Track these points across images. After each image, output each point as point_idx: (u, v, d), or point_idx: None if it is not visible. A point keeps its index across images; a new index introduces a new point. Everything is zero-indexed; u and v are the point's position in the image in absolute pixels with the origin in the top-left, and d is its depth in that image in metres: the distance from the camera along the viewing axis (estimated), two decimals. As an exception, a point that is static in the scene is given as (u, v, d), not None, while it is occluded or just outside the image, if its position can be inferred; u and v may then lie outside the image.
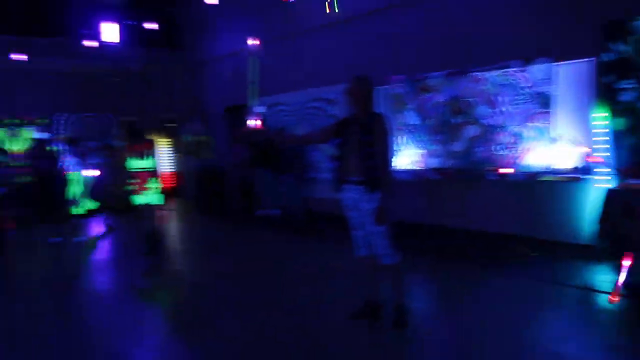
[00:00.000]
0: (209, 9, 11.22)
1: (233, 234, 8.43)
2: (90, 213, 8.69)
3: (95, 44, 10.21)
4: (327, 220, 7.87)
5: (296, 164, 8.94)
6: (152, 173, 6.46)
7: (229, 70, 11.02)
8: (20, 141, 11.20)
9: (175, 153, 13.36)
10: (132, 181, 6.34)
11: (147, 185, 6.39)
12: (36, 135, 11.11)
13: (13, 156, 11.11)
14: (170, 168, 13.21)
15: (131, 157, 6.30)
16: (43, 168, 7.38)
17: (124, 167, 6.38)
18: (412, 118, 7.53)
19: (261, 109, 9.86)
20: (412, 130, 7.54)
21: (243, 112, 10.49)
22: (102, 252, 7.49)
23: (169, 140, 13.49)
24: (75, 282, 5.97)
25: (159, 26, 10.83)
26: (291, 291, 4.97)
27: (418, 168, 7.48)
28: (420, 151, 7.46)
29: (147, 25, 10.66)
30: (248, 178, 10.15)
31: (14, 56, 9.54)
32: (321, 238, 7.53)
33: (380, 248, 3.76)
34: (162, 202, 6.62)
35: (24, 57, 9.59)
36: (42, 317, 4.68)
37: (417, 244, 6.51)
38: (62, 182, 7.49)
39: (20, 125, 11.33)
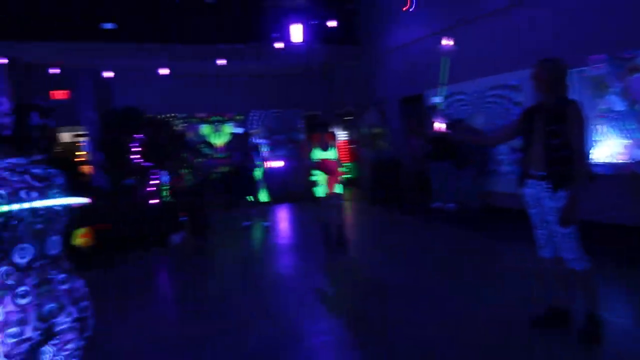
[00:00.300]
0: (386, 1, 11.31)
1: (406, 227, 8.38)
2: (269, 202, 9.52)
3: (282, 45, 11.07)
4: (509, 216, 7.31)
5: (476, 157, 8.50)
6: (335, 164, 6.41)
7: (406, 60, 10.94)
8: (222, 135, 12.80)
9: (352, 145, 13.83)
10: (315, 172, 6.37)
11: (330, 176, 6.35)
12: (234, 130, 12.55)
13: (216, 149, 12.78)
14: (347, 159, 13.72)
15: (315, 148, 6.32)
16: (238, 160, 8.27)
17: (308, 158, 6.44)
18: (615, 103, 6.51)
19: (438, 100, 9.59)
20: (615, 118, 6.53)
21: (419, 103, 10.35)
22: (286, 237, 8.13)
23: (347, 132, 14.02)
24: (264, 262, 6.62)
25: (338, 23, 11.25)
26: (467, 292, 4.73)
27: (620, 161, 6.46)
28: (624, 141, 6.42)
29: (329, 24, 11.16)
30: (423, 170, 9.99)
31: (218, 62, 10.88)
32: (501, 235, 7.04)
33: (566, 251, 3.34)
34: (342, 193, 6.58)
35: (224, 62, 10.88)
36: (233, 293, 5.28)
37: (619, 249, 5.65)
38: (252, 172, 8.30)
39: (222, 121, 12.96)
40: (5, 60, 9.37)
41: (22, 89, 10.49)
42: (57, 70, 10.56)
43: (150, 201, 8.01)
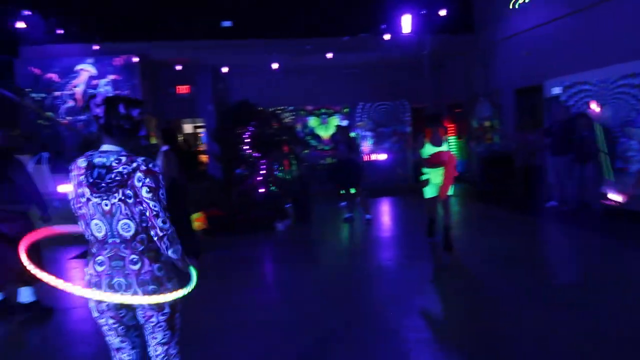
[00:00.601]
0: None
1: (519, 227, 7.87)
2: (373, 195, 9.46)
3: (391, 36, 10.94)
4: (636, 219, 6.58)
5: (600, 152, 7.74)
6: (448, 161, 5.81)
7: (521, 50, 10.24)
8: (328, 128, 13.02)
9: (461, 138, 13.30)
10: (426, 169, 5.89)
11: (442, 175, 5.82)
12: (340, 122, 12.70)
13: (322, 141, 13.06)
14: (456, 154, 13.23)
15: (427, 143, 5.84)
16: (342, 151, 8.35)
17: (419, 154, 5.92)
18: None
19: (557, 91, 8.85)
20: None
21: (536, 94, 9.64)
22: (388, 231, 8.09)
23: (456, 125, 13.51)
24: (362, 254, 6.66)
25: (450, 12, 10.83)
26: (608, 305, 4.34)
27: None
28: None
29: (439, 13, 10.80)
30: (538, 166, 9.31)
31: (328, 55, 11.08)
32: (626, 239, 6.35)
33: None
34: (452, 191, 6.01)
35: (331, 55, 11.05)
36: (329, 282, 5.38)
37: None
38: (355, 164, 8.34)
39: (329, 114, 13.18)
40: (137, 59, 10.39)
41: (151, 83, 11.60)
42: (180, 67, 11.49)
43: (259, 190, 8.43)
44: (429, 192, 5.96)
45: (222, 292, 5.21)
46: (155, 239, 2.18)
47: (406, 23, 11.83)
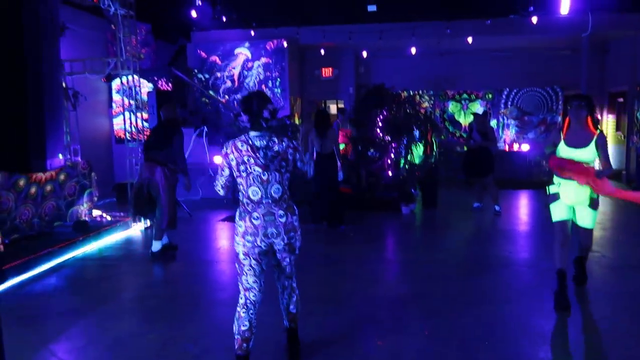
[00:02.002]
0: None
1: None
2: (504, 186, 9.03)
3: (535, 19, 10.24)
4: None
5: None
6: (591, 174, 3.95)
7: None
8: (468, 114, 12.65)
9: (621, 133, 11.91)
10: (558, 178, 4.20)
11: (575, 187, 4.04)
12: (476, 110, 12.26)
13: (460, 127, 12.76)
14: (614, 157, 11.88)
15: (564, 139, 4.16)
16: (477, 140, 8.18)
17: (551, 152, 4.24)
18: None
19: None
20: None
21: None
22: (517, 225, 7.78)
23: (616, 117, 12.12)
24: (486, 245, 6.58)
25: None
26: None
27: None
28: None
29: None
30: None
31: (469, 39, 10.77)
32: None
33: None
34: (592, 224, 4.19)
35: (471, 39, 10.73)
36: (449, 269, 5.47)
37: None
38: (489, 154, 8.11)
39: (470, 99, 12.78)
40: (286, 43, 11.23)
41: (298, 65, 12.43)
42: (325, 51, 12.09)
43: (387, 172, 8.69)
44: (558, 212, 4.20)
45: (346, 262, 5.66)
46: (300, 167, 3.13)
47: (565, 3, 10.92)
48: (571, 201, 4.10)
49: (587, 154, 3.99)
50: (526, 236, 7.10)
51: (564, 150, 4.09)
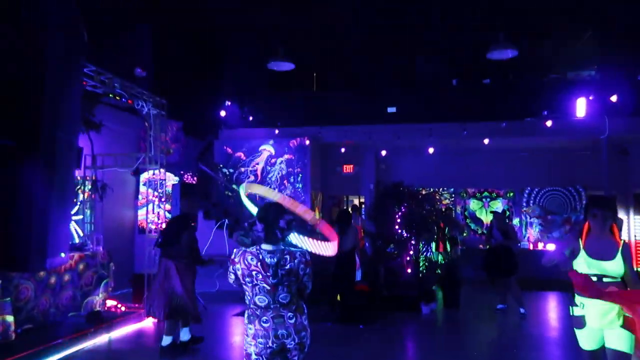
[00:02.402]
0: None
1: None
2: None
3: (550, 123, 10.53)
4: None
5: None
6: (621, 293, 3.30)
7: None
8: (488, 212, 12.59)
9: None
10: (581, 297, 3.45)
11: (601, 306, 3.33)
12: (497, 208, 12.22)
13: (482, 225, 12.64)
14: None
15: (581, 248, 3.48)
16: (498, 238, 8.07)
17: (569, 260, 3.56)
18: None
19: None
20: None
21: None
22: (543, 330, 7.40)
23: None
24: (512, 350, 6.22)
25: (628, 94, 10.02)
26: None
27: None
28: None
29: (612, 98, 10.10)
30: None
31: (485, 141, 11.06)
32: None
33: None
34: (629, 347, 3.31)
35: (487, 141, 11.02)
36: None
37: None
38: (510, 253, 7.95)
39: (490, 197, 12.78)
40: (308, 141, 11.69)
41: (321, 162, 12.81)
42: (346, 149, 12.51)
43: (406, 269, 8.53)
44: (587, 341, 3.49)
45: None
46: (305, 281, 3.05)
47: (581, 106, 11.23)
48: (598, 324, 3.38)
49: (615, 267, 3.37)
50: (555, 343, 6.70)
51: (586, 262, 3.41)
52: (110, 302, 7.24)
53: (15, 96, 1.53)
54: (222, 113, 12.08)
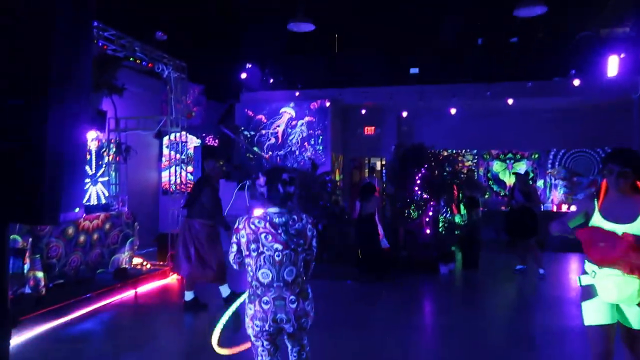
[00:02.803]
0: None
1: None
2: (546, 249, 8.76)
3: (577, 82, 10.15)
4: None
5: None
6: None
7: None
8: (511, 174, 12.41)
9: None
10: (589, 262, 3.02)
11: (619, 278, 2.81)
12: (520, 169, 12.03)
13: (505, 187, 12.49)
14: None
15: (596, 209, 2.99)
16: (520, 200, 7.99)
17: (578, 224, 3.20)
18: None
19: None
20: None
21: None
22: (561, 290, 7.40)
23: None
24: (530, 311, 6.27)
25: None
26: None
27: None
28: None
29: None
30: None
31: (509, 101, 10.79)
32: None
33: None
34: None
35: (511, 101, 10.75)
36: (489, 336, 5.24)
37: None
38: (532, 215, 7.87)
39: (514, 159, 12.57)
40: (329, 103, 11.61)
41: (341, 124, 12.74)
42: (367, 110, 12.39)
43: (425, 230, 8.56)
44: (594, 314, 2.99)
45: (375, 325, 5.54)
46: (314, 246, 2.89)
47: (612, 64, 10.80)
48: (613, 298, 2.83)
49: (634, 230, 2.79)
50: (573, 303, 6.69)
51: (601, 222, 2.94)
52: (136, 260, 7.53)
53: (22, 56, 1.57)
54: (243, 76, 12.05)
